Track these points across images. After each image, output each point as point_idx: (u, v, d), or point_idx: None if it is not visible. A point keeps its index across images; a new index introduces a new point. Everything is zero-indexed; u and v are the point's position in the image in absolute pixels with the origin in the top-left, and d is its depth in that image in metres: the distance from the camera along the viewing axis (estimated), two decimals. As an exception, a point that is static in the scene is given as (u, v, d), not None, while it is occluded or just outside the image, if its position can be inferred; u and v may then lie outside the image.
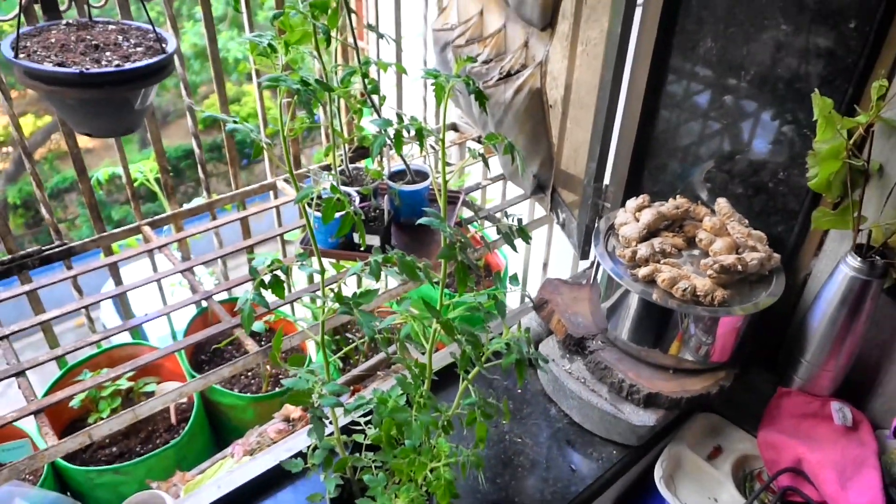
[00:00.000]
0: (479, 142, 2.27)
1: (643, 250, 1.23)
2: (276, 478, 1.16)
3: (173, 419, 1.89)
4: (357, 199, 1.61)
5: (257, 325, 0.95)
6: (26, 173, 1.63)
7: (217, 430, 1.95)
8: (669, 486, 1.18)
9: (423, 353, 1.00)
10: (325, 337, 0.99)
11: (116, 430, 1.31)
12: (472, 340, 0.87)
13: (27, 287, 1.61)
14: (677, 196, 1.38)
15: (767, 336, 1.33)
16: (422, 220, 0.85)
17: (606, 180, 1.61)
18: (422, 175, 1.72)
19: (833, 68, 1.14)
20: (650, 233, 1.29)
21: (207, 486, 1.11)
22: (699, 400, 1.20)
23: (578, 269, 2.12)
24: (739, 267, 1.17)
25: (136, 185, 2.21)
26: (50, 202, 1.69)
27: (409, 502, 0.86)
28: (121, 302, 1.93)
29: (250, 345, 1.44)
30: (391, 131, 0.89)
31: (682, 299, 1.16)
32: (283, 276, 0.96)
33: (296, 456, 1.16)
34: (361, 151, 2.06)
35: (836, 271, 1.16)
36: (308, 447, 1.01)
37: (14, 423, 1.28)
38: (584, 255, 1.71)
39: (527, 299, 1.49)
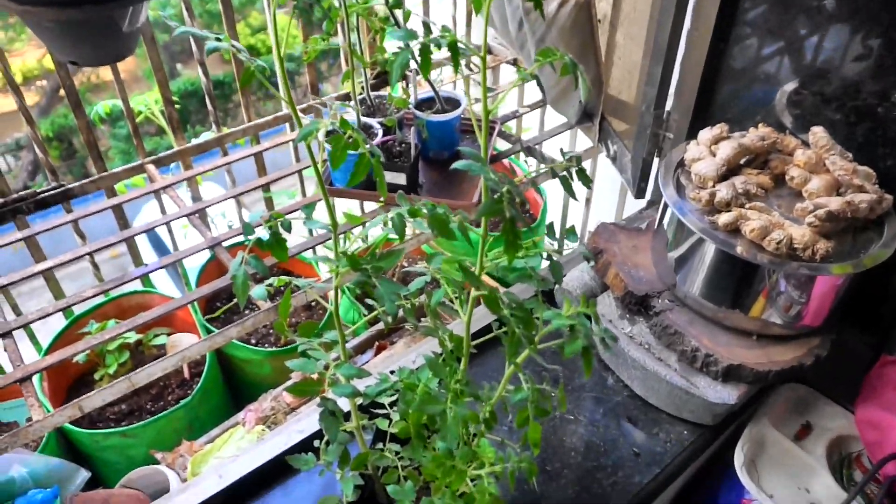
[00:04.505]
0: (515, 65, 2.03)
1: (723, 192, 1.01)
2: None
3: (186, 373, 1.75)
4: (380, 132, 1.40)
5: (258, 291, 0.77)
6: (59, 107, 1.46)
7: (232, 385, 1.82)
8: (752, 475, 1.00)
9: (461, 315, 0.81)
10: (349, 286, 0.82)
11: (111, 399, 1.16)
12: (524, 317, 0.68)
13: (20, 234, 1.46)
14: (759, 125, 1.15)
15: (867, 290, 1.11)
16: (456, 165, 0.65)
17: (668, 106, 1.38)
18: (452, 103, 1.50)
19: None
20: (729, 170, 1.07)
21: (209, 474, 0.95)
22: (790, 373, 1.00)
23: (625, 205, 1.90)
24: (849, 213, 0.95)
25: (138, 119, 2.02)
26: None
27: (444, 519, 0.69)
28: (127, 246, 1.78)
29: (261, 300, 1.27)
30: (416, 46, 0.68)
31: (775, 253, 0.95)
32: (284, 234, 0.77)
33: (310, 440, 1.00)
34: (385, 77, 1.84)
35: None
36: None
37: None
38: (640, 192, 1.49)
39: (580, 251, 1.28)
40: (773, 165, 1.09)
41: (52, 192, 1.55)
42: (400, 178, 1.38)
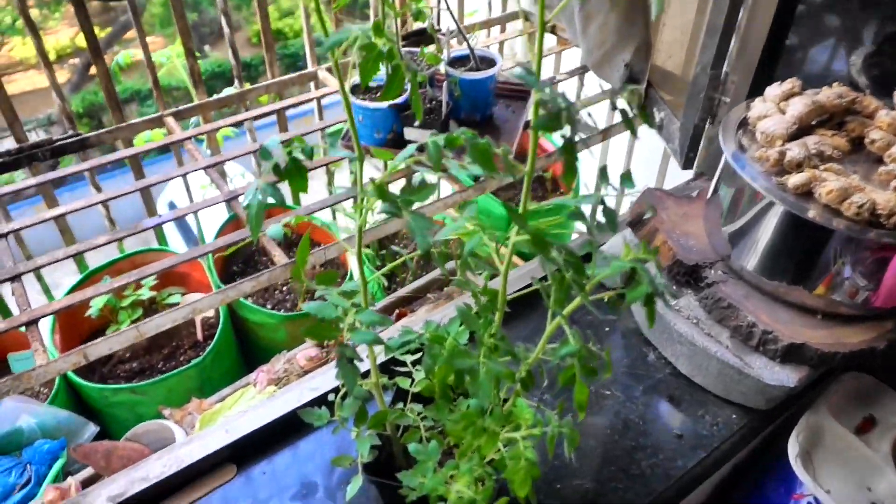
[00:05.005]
0: (553, 32, 1.92)
1: (794, 151, 0.91)
2: (299, 420, 0.92)
3: (199, 335, 1.69)
4: (409, 87, 1.32)
5: (274, 230, 0.69)
6: (90, 84, 1.40)
7: (246, 348, 1.75)
8: (807, 467, 0.90)
9: (493, 277, 0.72)
10: (367, 250, 0.74)
11: (117, 348, 1.09)
12: (574, 262, 0.59)
13: (34, 180, 1.39)
14: (832, 85, 1.04)
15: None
16: (510, 74, 0.56)
17: (726, 66, 1.27)
18: (487, 62, 1.40)
19: None
20: (801, 129, 0.96)
21: (215, 428, 0.88)
22: (857, 357, 0.90)
23: (665, 180, 1.80)
24: (940, 177, 0.84)
25: (160, 72, 1.95)
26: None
27: (471, 486, 0.60)
28: (141, 194, 1.71)
29: (278, 255, 1.19)
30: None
31: (854, 219, 0.84)
32: (305, 161, 0.68)
33: (323, 397, 0.91)
34: (415, 38, 1.74)
35: None
36: (338, 389, 0.76)
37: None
38: (688, 162, 1.38)
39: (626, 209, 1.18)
40: (849, 128, 0.98)
41: (69, 140, 1.48)
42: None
